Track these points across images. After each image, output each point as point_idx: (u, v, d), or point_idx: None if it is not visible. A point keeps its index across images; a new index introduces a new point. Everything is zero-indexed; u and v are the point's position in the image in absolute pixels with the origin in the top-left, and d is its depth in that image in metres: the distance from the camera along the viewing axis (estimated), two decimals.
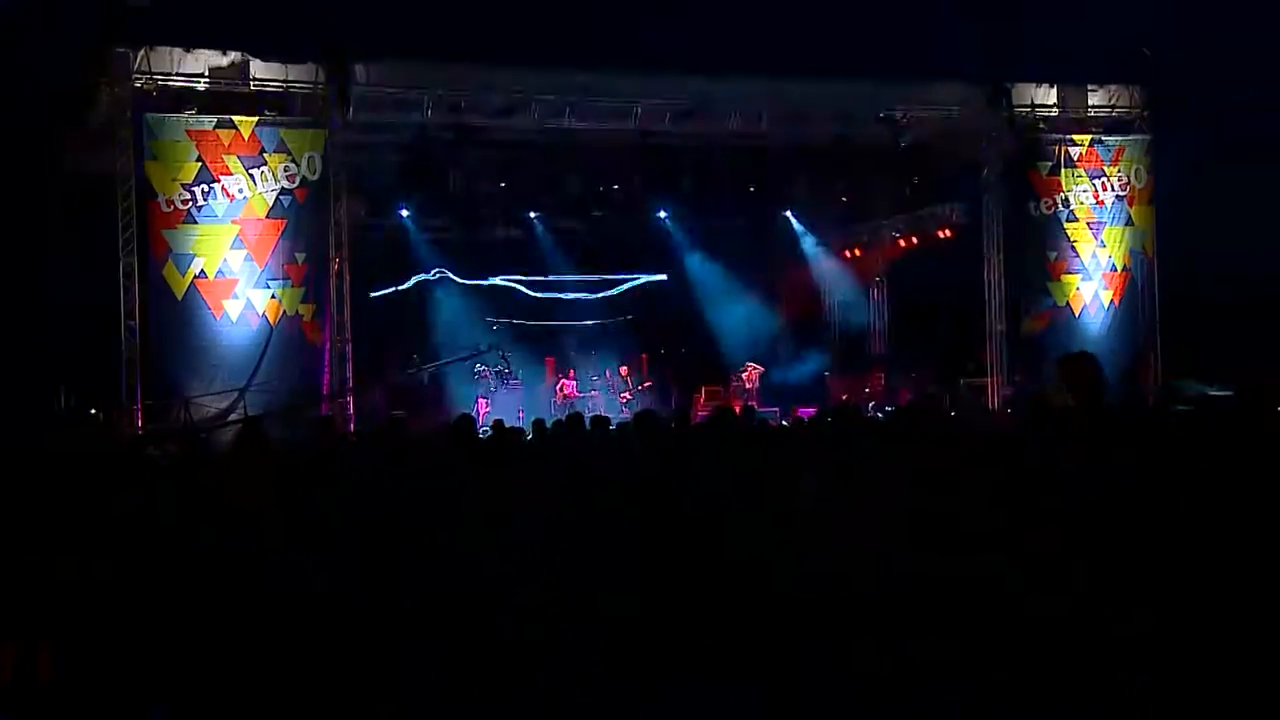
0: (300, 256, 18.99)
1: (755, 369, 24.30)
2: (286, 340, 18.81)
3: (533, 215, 25.13)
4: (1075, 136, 22.08)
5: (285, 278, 18.86)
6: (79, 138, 19.77)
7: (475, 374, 22.96)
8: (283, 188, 18.87)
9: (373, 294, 23.00)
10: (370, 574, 8.01)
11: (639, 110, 21.04)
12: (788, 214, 26.94)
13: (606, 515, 7.65)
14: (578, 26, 19.53)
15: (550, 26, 19.58)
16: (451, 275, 25.16)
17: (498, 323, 24.65)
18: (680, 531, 7.34)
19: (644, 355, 25.54)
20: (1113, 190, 22.13)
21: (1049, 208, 22.05)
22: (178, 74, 18.48)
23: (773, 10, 20.51)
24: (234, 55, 18.76)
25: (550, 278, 25.98)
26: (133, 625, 7.62)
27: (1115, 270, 22.14)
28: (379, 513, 8.36)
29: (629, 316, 26.43)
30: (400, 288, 23.90)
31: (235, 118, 18.66)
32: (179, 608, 7.69)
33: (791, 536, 7.13)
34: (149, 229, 18.28)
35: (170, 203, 18.30)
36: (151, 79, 18.29)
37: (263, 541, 8.17)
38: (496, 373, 23.00)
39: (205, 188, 18.43)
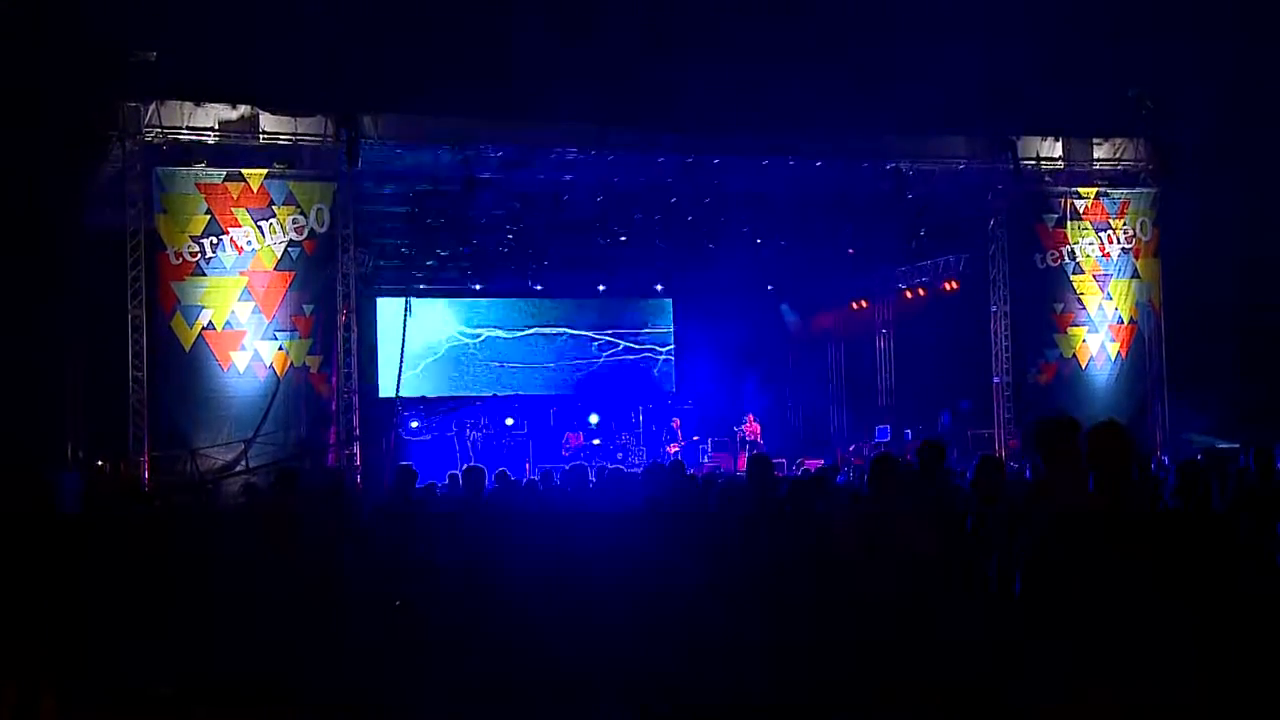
0: (308, 308, 19.02)
1: (753, 422, 24.34)
2: (294, 391, 18.80)
3: (541, 266, 25.24)
4: (1081, 189, 22.12)
5: (293, 329, 18.86)
6: (90, 190, 19.92)
7: (455, 430, 23.00)
8: (291, 240, 18.92)
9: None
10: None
11: (646, 162, 21.15)
12: (795, 264, 27.04)
13: None
14: (586, 81, 19.60)
15: (558, 80, 19.66)
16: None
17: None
18: None
19: (640, 406, 25.58)
20: (1119, 243, 22.14)
21: (1055, 260, 22.04)
22: (188, 127, 18.59)
23: (780, 63, 20.59)
24: (243, 109, 18.86)
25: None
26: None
27: (1122, 323, 22.14)
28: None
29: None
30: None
31: (244, 170, 18.75)
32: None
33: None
34: (158, 281, 18.32)
35: (179, 255, 18.36)
36: (162, 132, 18.42)
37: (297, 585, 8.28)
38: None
39: (214, 240, 18.49)
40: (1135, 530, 4.95)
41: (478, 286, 25.43)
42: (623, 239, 22.95)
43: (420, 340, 25.04)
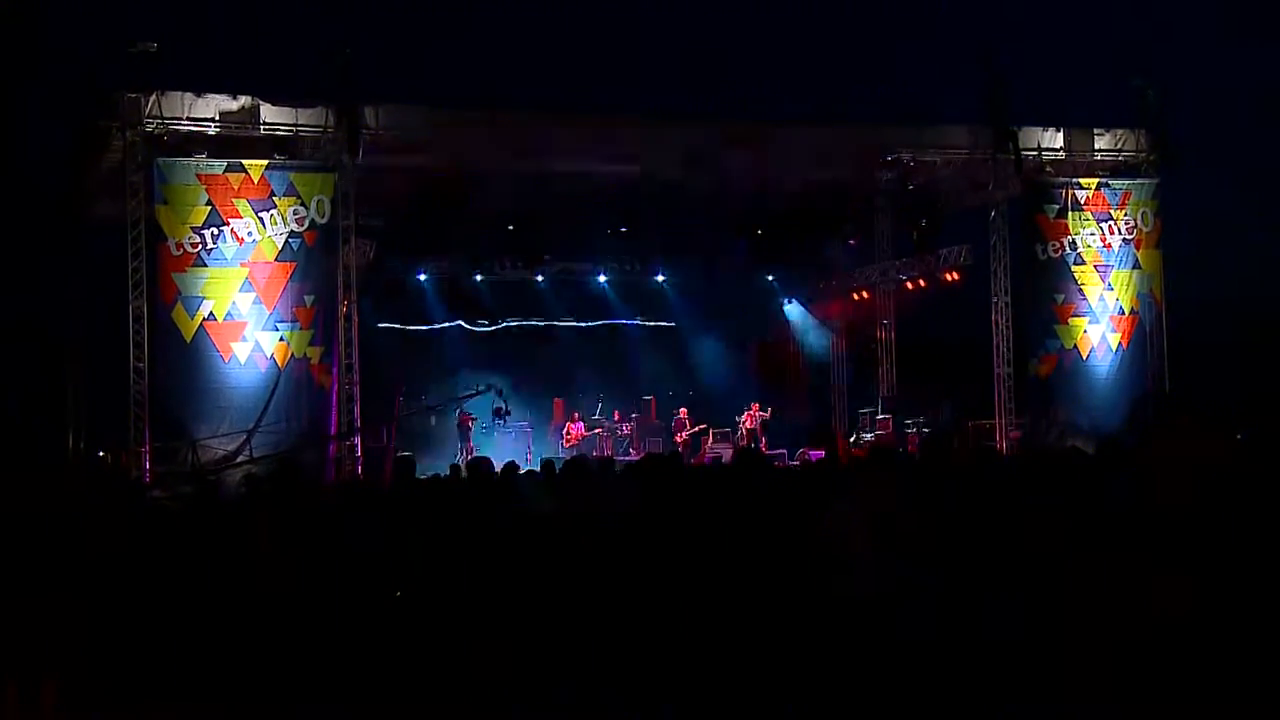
0: (309, 299, 18.94)
1: (758, 411, 24.41)
2: (294, 382, 18.73)
3: (539, 258, 25.28)
4: (1082, 180, 22.06)
5: (294, 320, 18.80)
6: (91, 181, 19.89)
7: (459, 418, 22.98)
8: (292, 231, 18.84)
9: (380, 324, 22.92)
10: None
11: (644, 155, 21.14)
12: (795, 256, 26.99)
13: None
14: (584, 73, 19.62)
15: (556, 73, 19.69)
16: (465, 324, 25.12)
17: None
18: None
19: (651, 398, 25.59)
20: (1120, 234, 22.05)
21: (1056, 251, 21.95)
22: (188, 118, 18.53)
23: (780, 56, 20.63)
24: (244, 99, 18.82)
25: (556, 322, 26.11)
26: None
27: (1123, 313, 22.06)
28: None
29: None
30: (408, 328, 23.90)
31: (245, 161, 18.67)
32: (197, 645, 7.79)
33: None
34: (158, 272, 18.25)
35: (180, 246, 18.28)
36: (163, 123, 18.34)
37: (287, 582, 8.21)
38: (494, 410, 22.87)
39: (215, 231, 18.42)
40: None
41: (479, 277, 25.34)
42: (623, 229, 22.92)
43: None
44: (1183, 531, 5.58)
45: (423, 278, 24.91)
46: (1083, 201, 22.00)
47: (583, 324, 26.34)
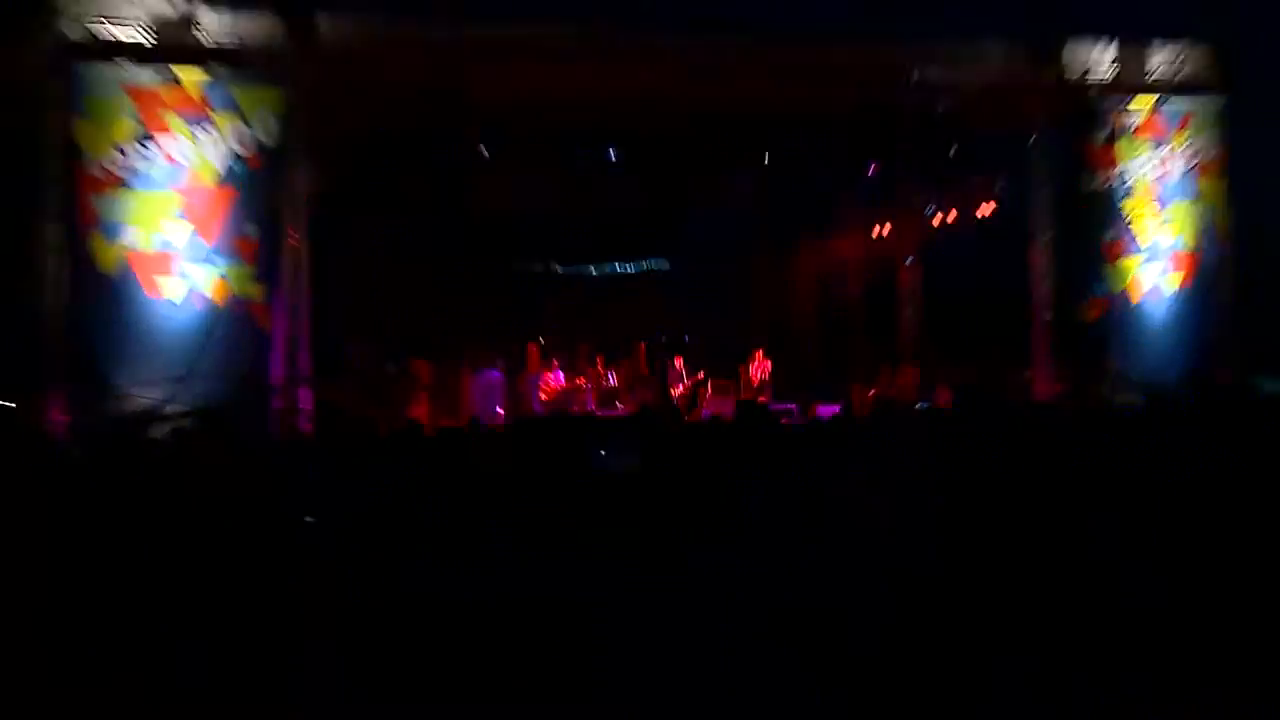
0: (252, 230, 17.29)
1: (763, 360, 23.56)
2: (233, 324, 17.10)
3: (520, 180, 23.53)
4: (1135, 101, 20.47)
5: (234, 254, 17.18)
6: None
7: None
8: (232, 152, 17.23)
9: None
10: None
11: (640, 74, 19.35)
12: (808, 188, 25.31)
13: None
14: None
15: None
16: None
17: None
18: None
19: (640, 344, 24.38)
20: (1179, 161, 20.62)
21: (1104, 181, 20.45)
22: (114, 20, 16.86)
23: None
24: (179, 1, 17.10)
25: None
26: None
27: (1182, 251, 20.67)
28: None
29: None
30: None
31: (179, 70, 16.98)
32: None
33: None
34: (75, 194, 16.57)
35: (101, 165, 16.59)
36: (86, 25, 16.69)
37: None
38: None
39: (142, 149, 16.74)
40: None
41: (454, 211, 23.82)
42: (613, 160, 21.70)
43: None
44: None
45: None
46: (1135, 125, 20.46)
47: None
